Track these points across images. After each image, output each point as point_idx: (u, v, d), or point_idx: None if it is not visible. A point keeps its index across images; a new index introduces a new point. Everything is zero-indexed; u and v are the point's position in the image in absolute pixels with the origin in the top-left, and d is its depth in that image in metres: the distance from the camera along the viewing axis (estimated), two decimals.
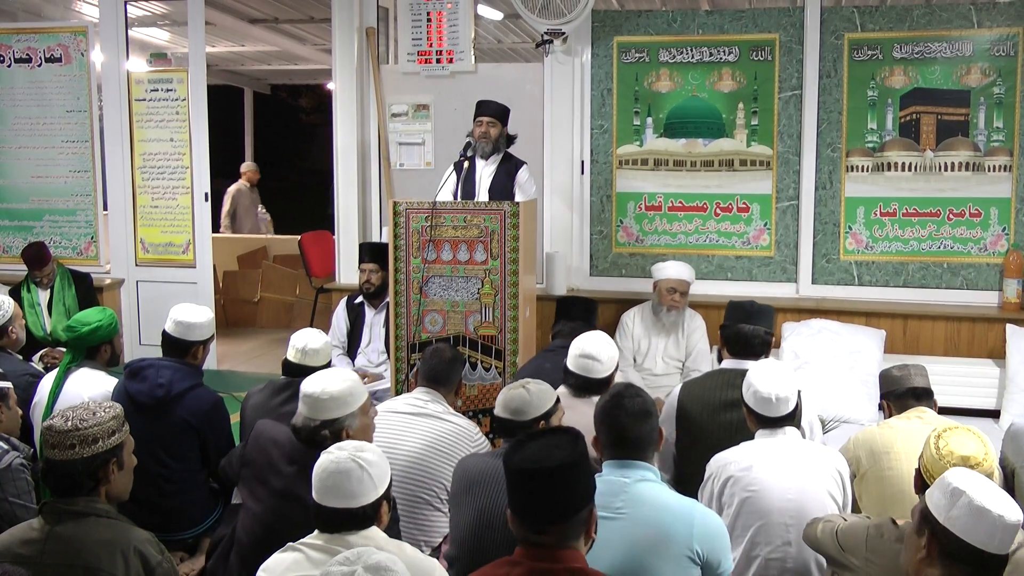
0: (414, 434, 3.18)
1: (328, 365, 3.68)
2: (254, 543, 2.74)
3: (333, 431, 2.73)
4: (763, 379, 2.87)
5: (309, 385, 2.76)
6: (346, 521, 2.18)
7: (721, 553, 2.36)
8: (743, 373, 3.33)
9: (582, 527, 1.97)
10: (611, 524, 2.32)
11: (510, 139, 4.94)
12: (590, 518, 1.99)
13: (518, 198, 4.79)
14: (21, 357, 4.22)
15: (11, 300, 4.09)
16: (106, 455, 2.39)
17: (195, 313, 3.60)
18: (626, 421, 2.48)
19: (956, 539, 1.93)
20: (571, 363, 3.30)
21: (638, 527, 2.31)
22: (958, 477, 1.99)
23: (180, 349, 3.55)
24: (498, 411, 2.82)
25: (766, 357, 3.48)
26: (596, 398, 3.21)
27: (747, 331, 3.42)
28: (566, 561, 1.94)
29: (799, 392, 2.93)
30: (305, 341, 3.57)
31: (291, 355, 3.57)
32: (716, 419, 3.26)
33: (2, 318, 3.97)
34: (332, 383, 2.76)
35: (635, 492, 2.38)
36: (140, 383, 3.39)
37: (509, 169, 4.89)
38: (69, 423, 2.37)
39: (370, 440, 2.76)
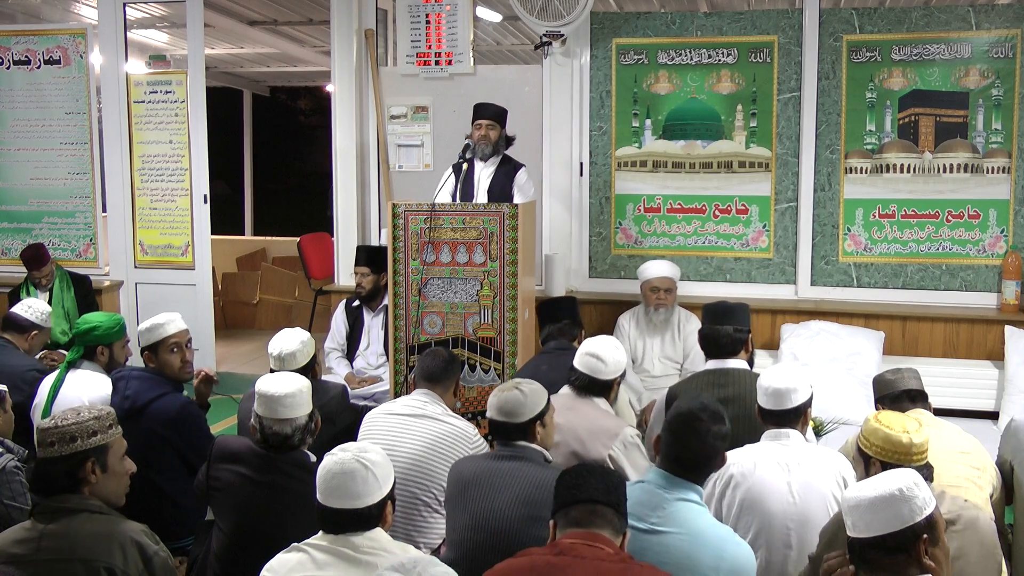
0: (413, 436, 3.18)
1: (312, 362, 3.56)
2: (228, 561, 2.75)
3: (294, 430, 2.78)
4: (772, 374, 2.94)
5: (265, 386, 2.79)
6: (351, 522, 2.19)
7: None
8: (727, 372, 3.36)
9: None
10: (641, 537, 2.30)
11: (508, 141, 4.94)
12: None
13: (517, 200, 4.79)
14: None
15: (52, 321, 4.34)
16: (82, 455, 2.36)
17: (156, 318, 3.57)
18: (697, 446, 2.42)
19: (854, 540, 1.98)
20: (578, 361, 3.30)
21: (668, 548, 2.29)
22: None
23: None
24: (492, 414, 2.80)
25: (746, 355, 3.48)
26: (598, 400, 3.23)
27: (716, 331, 3.46)
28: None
29: (811, 389, 2.94)
30: (280, 347, 3.46)
31: (272, 364, 3.49)
32: None
33: (39, 320, 4.21)
34: (287, 384, 2.80)
35: (673, 511, 2.35)
36: (115, 395, 3.43)
37: (508, 171, 4.89)
38: (52, 421, 2.39)
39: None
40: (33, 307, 4.22)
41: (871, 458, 2.41)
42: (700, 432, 2.42)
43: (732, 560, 2.31)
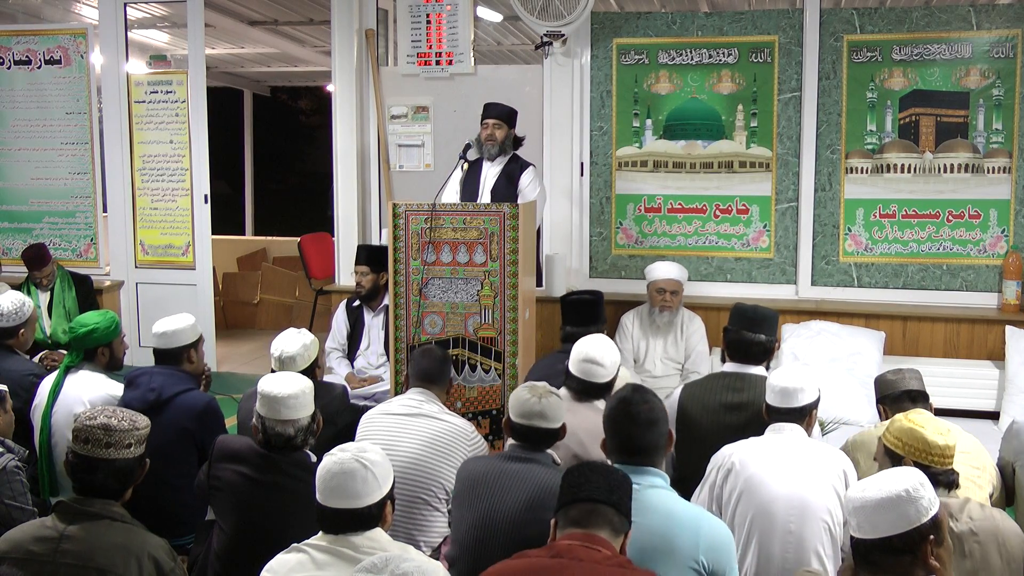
0: (411, 435, 3.18)
1: (314, 365, 3.56)
2: (229, 560, 2.76)
3: (297, 429, 2.79)
4: (782, 373, 2.97)
5: (268, 387, 2.79)
6: (350, 522, 2.19)
7: (727, 564, 2.35)
8: (744, 376, 3.35)
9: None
10: None
11: (517, 141, 4.93)
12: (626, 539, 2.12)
13: (521, 202, 4.78)
14: (28, 357, 4.23)
15: (31, 302, 4.09)
16: (143, 459, 2.48)
17: (174, 322, 3.57)
18: (634, 429, 2.47)
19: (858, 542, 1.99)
20: (573, 367, 3.28)
21: (645, 535, 2.30)
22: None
23: (171, 358, 3.55)
24: (530, 421, 2.77)
25: (768, 363, 3.48)
26: (598, 402, 3.23)
27: (748, 338, 3.42)
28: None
29: (819, 392, 2.97)
30: (280, 349, 3.46)
31: (274, 365, 3.49)
32: (716, 421, 3.26)
33: (19, 319, 3.96)
34: (289, 385, 2.81)
35: (644, 499, 2.36)
36: (134, 390, 3.42)
37: (513, 171, 4.89)
38: (125, 423, 2.43)
39: None
40: (2, 305, 3.93)
41: (903, 458, 2.45)
42: (634, 415, 2.47)
43: (709, 536, 2.34)
